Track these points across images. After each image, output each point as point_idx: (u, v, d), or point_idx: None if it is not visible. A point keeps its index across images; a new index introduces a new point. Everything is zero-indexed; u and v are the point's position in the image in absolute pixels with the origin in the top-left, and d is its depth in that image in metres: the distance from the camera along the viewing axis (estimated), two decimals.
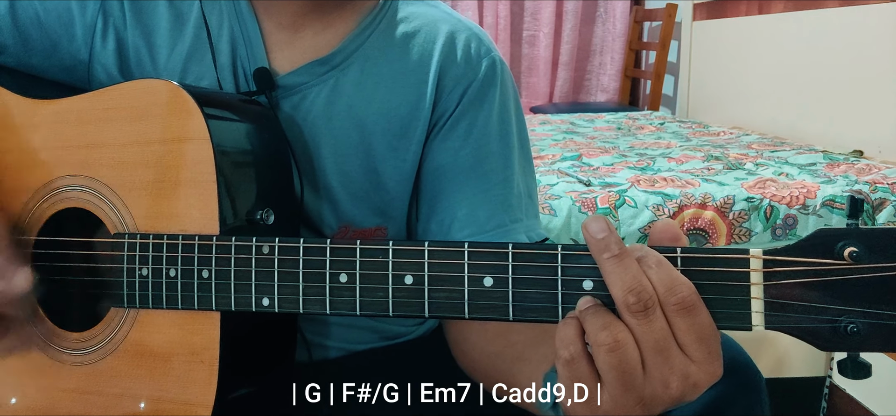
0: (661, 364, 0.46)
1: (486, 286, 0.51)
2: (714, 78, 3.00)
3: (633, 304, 0.46)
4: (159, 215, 0.64)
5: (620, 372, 0.46)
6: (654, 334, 0.46)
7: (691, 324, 0.46)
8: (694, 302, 0.46)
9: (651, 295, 0.46)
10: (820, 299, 0.45)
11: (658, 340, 0.46)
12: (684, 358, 0.47)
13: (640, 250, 0.48)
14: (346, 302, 0.55)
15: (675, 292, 0.46)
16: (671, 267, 0.47)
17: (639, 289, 0.46)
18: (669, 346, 0.46)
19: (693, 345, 0.46)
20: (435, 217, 0.77)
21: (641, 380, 0.47)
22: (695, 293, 0.46)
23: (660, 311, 0.46)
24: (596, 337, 0.47)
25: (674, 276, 0.47)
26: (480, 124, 0.77)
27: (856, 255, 0.44)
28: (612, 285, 0.47)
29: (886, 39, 1.93)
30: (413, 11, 0.80)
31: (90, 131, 0.68)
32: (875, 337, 0.44)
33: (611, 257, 0.47)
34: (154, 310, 0.64)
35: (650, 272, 0.47)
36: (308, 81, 0.75)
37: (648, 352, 0.46)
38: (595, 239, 0.47)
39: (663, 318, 0.46)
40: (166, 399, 0.64)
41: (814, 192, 1.44)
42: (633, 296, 0.46)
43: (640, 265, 0.47)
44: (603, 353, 0.46)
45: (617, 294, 0.47)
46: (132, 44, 0.76)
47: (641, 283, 0.46)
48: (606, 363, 0.46)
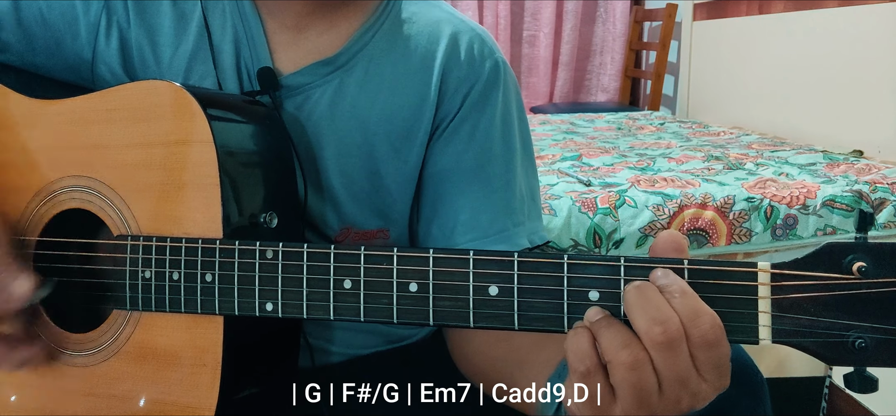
0: (679, 389, 0.46)
1: (492, 295, 0.51)
2: (714, 78, 3.00)
3: (659, 335, 0.45)
4: (162, 218, 0.64)
5: (637, 391, 0.46)
6: (678, 366, 0.46)
7: (713, 356, 0.46)
8: (718, 336, 0.45)
9: (678, 328, 0.45)
10: (827, 313, 0.45)
11: (680, 372, 0.46)
12: (699, 380, 0.46)
13: (663, 277, 0.47)
14: (350, 308, 0.55)
15: (698, 326, 0.45)
16: (695, 296, 0.46)
17: (664, 320, 0.45)
18: (690, 376, 0.46)
19: (711, 372, 0.46)
20: (437, 221, 0.77)
21: (657, 399, 0.46)
22: (719, 326, 0.46)
23: (684, 344, 0.45)
24: (616, 355, 0.46)
25: (698, 308, 0.46)
26: (483, 128, 0.77)
27: (864, 269, 0.44)
28: (636, 316, 0.46)
29: (886, 39, 1.93)
30: (416, 12, 0.80)
31: (93, 132, 0.68)
32: (883, 352, 0.44)
33: (633, 287, 0.47)
34: (157, 313, 0.64)
35: (674, 302, 0.46)
36: (312, 81, 0.75)
37: (668, 381, 0.46)
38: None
39: (687, 351, 0.46)
40: (168, 402, 0.64)
41: (814, 192, 1.44)
42: (658, 327, 0.45)
43: (663, 295, 0.46)
44: (622, 371, 0.46)
45: (641, 325, 0.46)
46: (136, 43, 0.76)
47: (666, 314, 0.45)
48: (624, 380, 0.46)
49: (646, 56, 3.87)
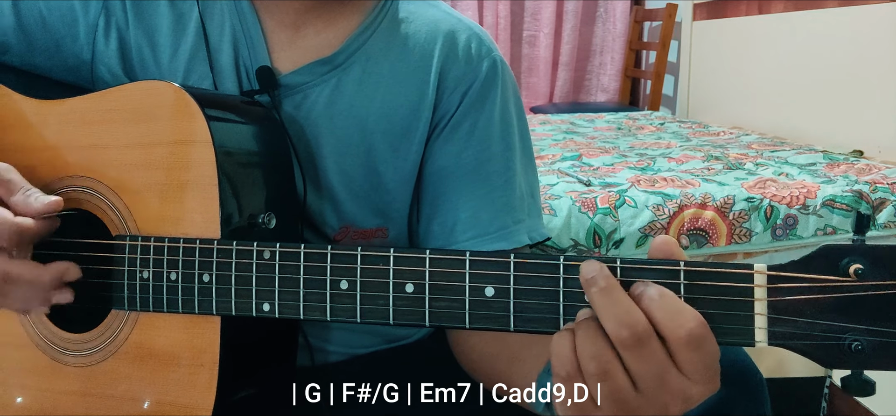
0: (659, 390, 0.46)
1: (488, 296, 0.51)
2: (714, 78, 3.00)
3: (627, 338, 0.45)
4: (161, 218, 0.64)
5: (613, 398, 0.46)
6: (650, 365, 0.45)
7: (699, 356, 0.45)
8: (702, 335, 0.45)
9: (645, 327, 0.45)
10: (824, 315, 0.45)
11: (654, 370, 0.45)
12: (684, 380, 0.46)
13: (640, 285, 0.47)
14: (347, 309, 0.55)
15: (682, 325, 0.45)
16: (675, 298, 0.46)
17: (630, 323, 0.45)
18: (667, 373, 0.46)
19: (698, 372, 0.46)
20: (437, 219, 0.77)
21: (636, 403, 0.46)
22: (702, 324, 0.45)
23: (655, 342, 0.45)
24: (585, 366, 0.46)
25: (679, 308, 0.46)
26: (482, 126, 0.77)
27: (861, 272, 0.43)
28: (604, 319, 0.46)
29: (886, 39, 1.92)
30: (414, 11, 0.80)
31: (92, 132, 0.68)
32: (880, 355, 0.43)
33: (598, 290, 0.46)
34: (155, 313, 0.64)
35: (653, 305, 0.46)
36: (310, 80, 0.75)
37: (644, 382, 0.46)
38: (585, 279, 0.47)
39: (660, 349, 0.45)
40: (166, 402, 0.64)
41: (814, 192, 1.44)
42: (626, 330, 0.45)
43: (642, 300, 0.46)
44: (592, 381, 0.46)
45: (610, 328, 0.46)
46: (135, 43, 0.76)
47: (633, 316, 0.45)
48: (598, 388, 0.46)
49: (646, 56, 3.86)
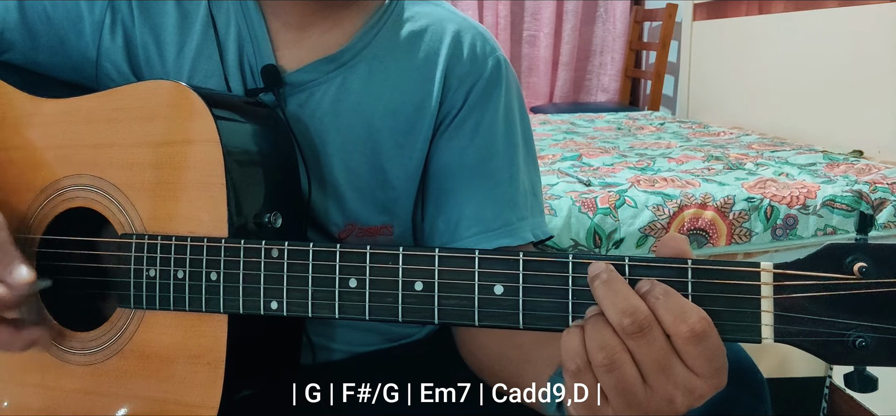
0: (664, 382, 0.47)
1: (497, 294, 0.51)
2: (714, 78, 3.00)
3: (629, 326, 0.46)
4: (167, 217, 0.64)
5: (621, 391, 0.47)
6: (654, 353, 0.46)
7: (702, 350, 0.46)
8: (705, 330, 0.46)
9: (646, 315, 0.46)
10: (829, 312, 0.45)
11: (658, 359, 0.46)
12: (689, 374, 0.47)
13: (646, 283, 0.48)
14: (356, 307, 0.55)
15: (685, 320, 0.46)
16: (679, 296, 0.47)
17: (631, 311, 0.46)
18: (671, 363, 0.47)
19: (703, 366, 0.47)
20: (442, 215, 0.77)
21: (644, 396, 0.47)
22: (705, 319, 0.46)
23: (657, 330, 0.46)
24: (593, 357, 0.47)
25: (682, 304, 0.47)
26: (486, 123, 0.77)
27: (865, 270, 0.44)
28: (606, 310, 0.47)
29: (886, 39, 1.93)
30: (419, 11, 0.80)
31: (99, 131, 0.68)
32: (883, 352, 0.44)
33: (600, 283, 0.48)
34: (160, 311, 0.64)
35: (657, 303, 0.47)
36: (316, 78, 0.75)
37: (649, 371, 0.47)
38: (590, 276, 0.49)
39: (663, 336, 0.46)
40: (171, 401, 0.64)
41: (814, 192, 1.44)
42: (627, 318, 0.46)
43: (647, 298, 0.47)
44: (600, 373, 0.47)
45: (612, 318, 0.47)
46: (141, 41, 0.77)
47: (632, 303, 0.46)
48: (606, 381, 0.47)
49: (646, 56, 3.86)
